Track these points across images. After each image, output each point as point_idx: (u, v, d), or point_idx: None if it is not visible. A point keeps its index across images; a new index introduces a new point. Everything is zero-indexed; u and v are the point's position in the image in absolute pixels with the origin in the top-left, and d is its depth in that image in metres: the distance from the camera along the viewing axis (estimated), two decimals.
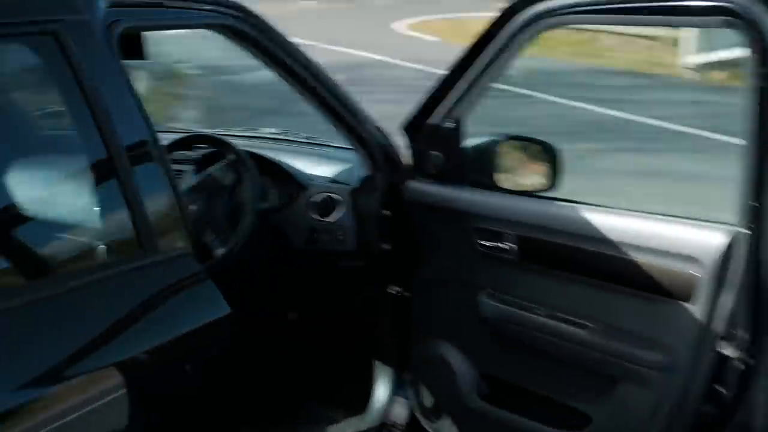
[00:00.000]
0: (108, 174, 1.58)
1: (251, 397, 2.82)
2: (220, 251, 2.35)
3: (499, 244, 2.28)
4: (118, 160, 1.57)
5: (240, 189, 2.42)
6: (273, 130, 3.10)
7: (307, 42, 14.05)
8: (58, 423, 1.40)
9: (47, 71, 1.62)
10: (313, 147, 2.96)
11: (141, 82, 10.34)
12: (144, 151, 1.65)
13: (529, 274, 2.26)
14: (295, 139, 3.03)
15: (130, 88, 1.67)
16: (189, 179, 2.50)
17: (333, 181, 2.67)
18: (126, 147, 1.59)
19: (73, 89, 1.55)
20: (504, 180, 2.42)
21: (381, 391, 2.64)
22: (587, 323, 2.14)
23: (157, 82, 10.43)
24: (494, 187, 2.39)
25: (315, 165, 2.79)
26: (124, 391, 1.49)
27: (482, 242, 2.32)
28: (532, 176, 2.46)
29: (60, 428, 1.40)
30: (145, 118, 1.67)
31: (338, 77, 2.43)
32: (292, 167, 2.69)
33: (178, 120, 8.54)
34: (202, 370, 1.66)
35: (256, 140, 3.04)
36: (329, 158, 2.83)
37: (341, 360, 2.72)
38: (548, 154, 2.44)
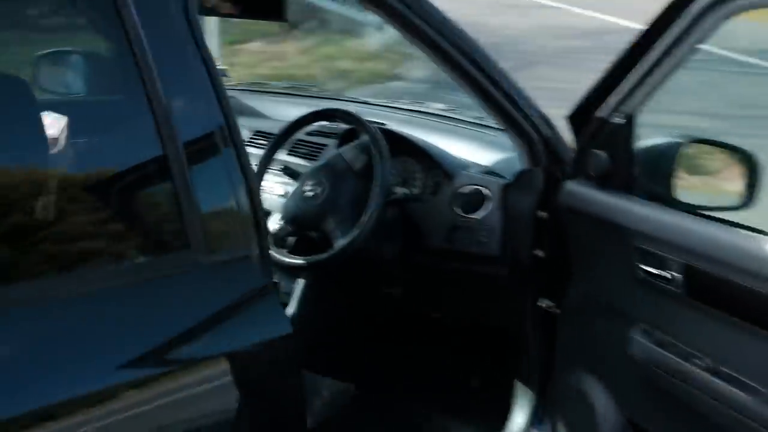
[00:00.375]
0: (153, 155, 1.36)
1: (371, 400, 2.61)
2: (341, 242, 2.12)
3: (663, 272, 1.86)
4: (169, 140, 1.35)
5: (370, 174, 2.15)
6: (441, 107, 2.80)
7: (552, 3, 13.47)
8: None
9: (94, 26, 1.42)
10: (480, 130, 2.64)
11: (373, 38, 10.35)
12: (206, 132, 1.41)
13: (695, 313, 1.83)
14: (461, 119, 2.71)
15: (203, 56, 1.43)
16: (326, 156, 2.28)
17: (488, 172, 2.34)
18: (180, 124, 1.36)
19: (123, 49, 1.34)
20: (682, 193, 1.98)
21: (519, 416, 2.31)
22: (759, 388, 1.69)
23: (390, 40, 10.38)
24: (667, 201, 1.95)
25: (475, 151, 2.47)
26: (142, 410, 1.30)
27: (643, 266, 1.91)
28: (721, 191, 2.00)
29: None
30: (218, 92, 1.43)
31: (578, 43, 2.07)
32: (444, 152, 2.39)
33: (402, 78, 8.42)
34: (241, 396, 1.42)
35: (420, 116, 2.77)
36: (494, 144, 2.50)
37: (476, 373, 2.42)
38: (745, 164, 1.97)
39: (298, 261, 2.17)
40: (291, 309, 2.51)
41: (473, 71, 2.02)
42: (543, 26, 11.14)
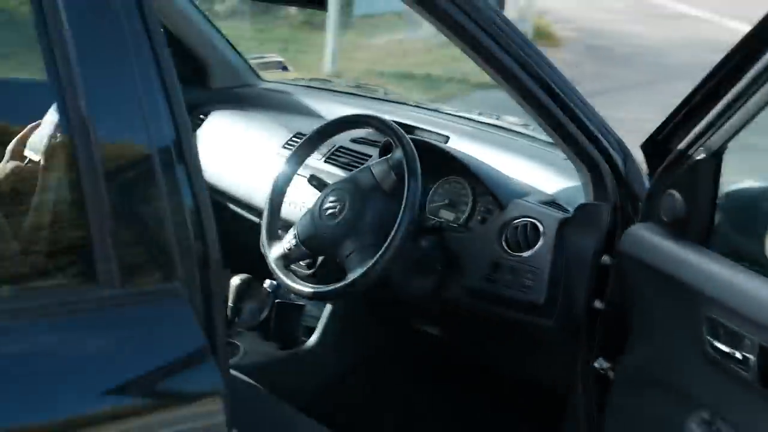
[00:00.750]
0: (55, 154, 1.12)
1: None
2: (355, 272, 1.82)
3: (735, 352, 1.48)
4: (80, 135, 1.08)
5: (399, 197, 1.84)
6: (515, 120, 2.45)
7: (705, 14, 12.66)
8: None
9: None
10: (555, 151, 2.28)
11: None
12: (139, 134, 1.14)
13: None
14: (536, 136, 2.35)
15: (152, 46, 1.16)
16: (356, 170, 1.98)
17: (548, 202, 1.99)
18: (100, 120, 1.10)
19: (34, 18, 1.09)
20: None
21: None
22: None
23: None
24: (755, 262, 1.56)
25: (543, 175, 2.12)
26: None
27: (713, 341, 1.52)
28: None
29: None
30: (168, 91, 1.16)
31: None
32: (499, 176, 2.05)
33: None
34: None
35: (491, 129, 2.43)
36: (568, 170, 2.14)
37: None
38: None
39: (304, 289, 1.89)
40: (314, 337, 2.24)
41: (526, 79, 1.68)
42: (691, 38, 10.46)
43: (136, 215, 1.14)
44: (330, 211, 1.90)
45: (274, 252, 1.96)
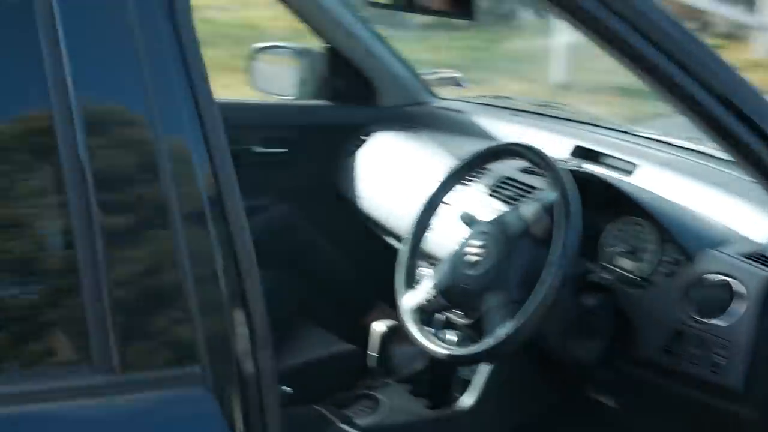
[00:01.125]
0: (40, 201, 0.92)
1: None
2: (495, 334, 1.50)
3: None
4: (72, 174, 0.88)
5: (549, 245, 1.51)
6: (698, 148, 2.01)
7: None
8: None
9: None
10: None
11: (761, 45, 8.98)
12: (156, 174, 0.91)
13: None
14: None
15: (186, 57, 0.94)
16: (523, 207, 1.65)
17: (753, 255, 1.56)
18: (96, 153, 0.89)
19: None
20: None
21: None
22: None
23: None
24: None
25: (751, 219, 1.69)
26: None
27: None
28: None
29: None
30: (201, 114, 0.94)
31: None
32: (687, 219, 1.66)
33: None
34: None
35: (692, 156, 2.01)
36: None
37: None
38: None
39: (438, 349, 1.61)
40: (471, 396, 1.95)
41: (697, 92, 1.28)
42: None
43: (143, 273, 0.91)
44: (473, 258, 1.60)
45: (408, 300, 1.69)
